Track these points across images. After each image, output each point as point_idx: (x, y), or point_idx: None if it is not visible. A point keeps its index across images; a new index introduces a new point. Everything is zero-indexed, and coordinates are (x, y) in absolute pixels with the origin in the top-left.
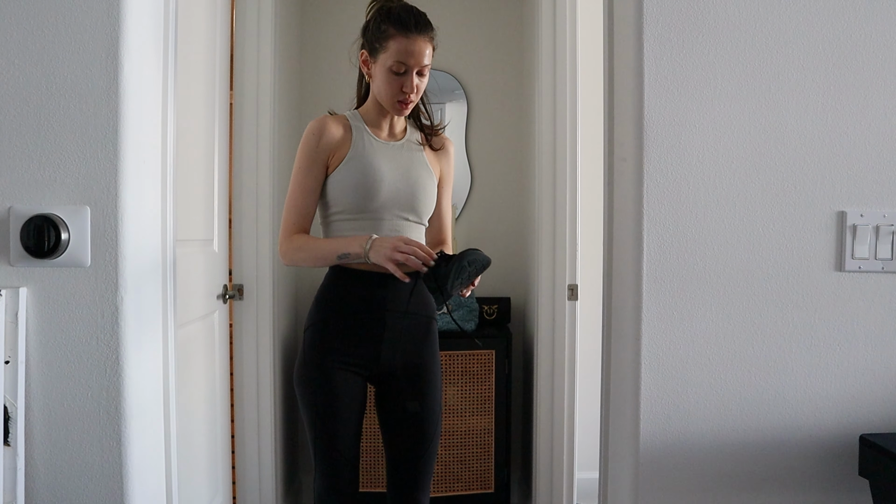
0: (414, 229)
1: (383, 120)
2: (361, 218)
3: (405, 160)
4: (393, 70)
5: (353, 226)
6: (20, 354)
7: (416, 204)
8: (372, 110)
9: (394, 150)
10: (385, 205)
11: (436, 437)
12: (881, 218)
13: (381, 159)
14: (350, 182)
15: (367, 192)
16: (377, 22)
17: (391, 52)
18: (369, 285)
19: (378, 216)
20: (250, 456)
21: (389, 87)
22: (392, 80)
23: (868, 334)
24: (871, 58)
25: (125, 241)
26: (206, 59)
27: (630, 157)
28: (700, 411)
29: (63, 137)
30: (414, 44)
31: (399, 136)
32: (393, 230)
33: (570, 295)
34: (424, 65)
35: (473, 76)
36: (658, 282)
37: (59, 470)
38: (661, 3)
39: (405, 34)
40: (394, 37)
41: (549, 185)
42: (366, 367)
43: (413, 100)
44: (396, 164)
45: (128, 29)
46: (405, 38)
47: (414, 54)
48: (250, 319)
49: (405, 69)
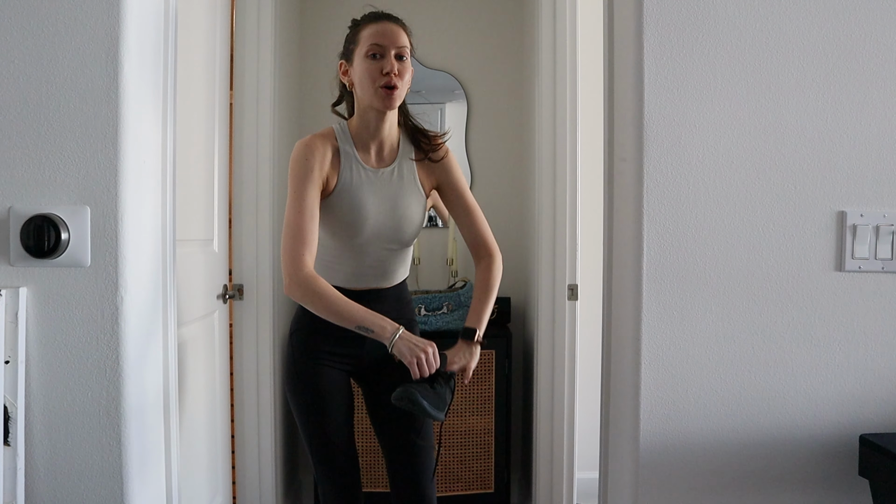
0: (398, 255)
1: (372, 137)
2: (345, 250)
3: (393, 191)
4: (369, 55)
5: (336, 254)
6: (20, 354)
7: (401, 235)
8: (360, 124)
9: (382, 179)
10: (369, 240)
11: (427, 424)
12: (881, 218)
13: (367, 194)
14: (334, 218)
15: (350, 231)
16: (349, 31)
17: (363, 41)
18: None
19: (362, 250)
20: (250, 456)
21: (368, 74)
22: (370, 66)
23: (868, 334)
24: (870, 58)
25: (125, 241)
26: (206, 59)
27: (630, 157)
28: (700, 411)
29: (63, 137)
30: (385, 26)
31: (389, 159)
32: (377, 260)
33: (570, 295)
34: (401, 46)
35: (473, 76)
36: (658, 282)
37: (59, 470)
38: (661, 3)
39: (375, 21)
40: (364, 27)
41: (549, 185)
42: (351, 364)
43: (397, 85)
44: (383, 196)
45: (128, 29)
46: (375, 24)
47: (386, 34)
48: (250, 319)
49: (381, 51)
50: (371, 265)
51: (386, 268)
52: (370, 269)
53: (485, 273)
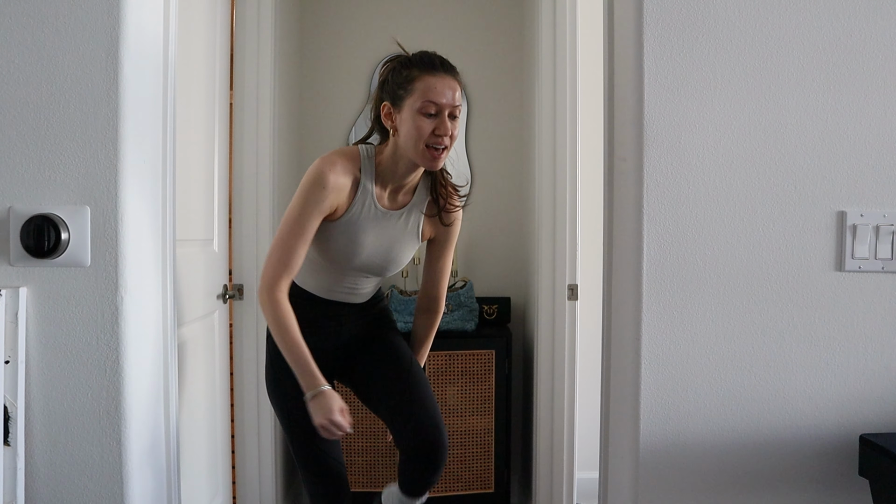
0: (372, 282)
1: (396, 179)
2: (329, 268)
3: (396, 232)
4: (423, 112)
5: (318, 268)
6: (20, 354)
7: (384, 272)
8: (389, 164)
9: (389, 220)
10: (354, 268)
11: (414, 363)
12: (881, 218)
13: (369, 232)
14: (331, 246)
15: (342, 259)
16: (398, 70)
17: (419, 94)
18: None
19: (344, 273)
20: (250, 456)
21: (419, 132)
22: (422, 123)
23: (868, 334)
24: (870, 58)
25: (125, 241)
26: (206, 59)
27: (630, 157)
28: (700, 411)
29: (63, 137)
30: (443, 81)
31: (402, 203)
32: (354, 283)
33: (570, 295)
34: (456, 105)
35: (473, 76)
36: (658, 282)
37: (59, 470)
38: (661, 4)
39: (432, 73)
40: (419, 77)
41: (549, 185)
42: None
43: (447, 145)
44: (384, 237)
45: (128, 29)
46: (432, 77)
47: (445, 93)
48: (250, 319)
49: (436, 109)
50: (347, 286)
51: (359, 290)
52: (345, 288)
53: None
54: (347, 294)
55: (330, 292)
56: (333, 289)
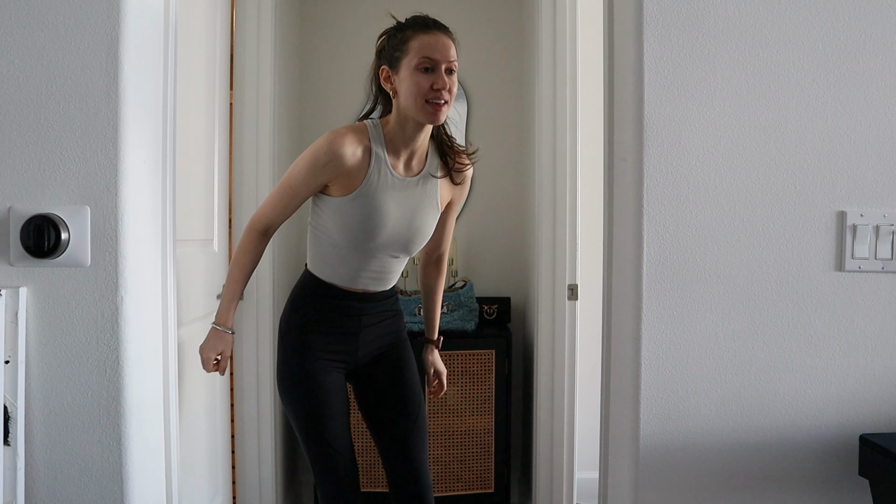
0: (400, 263)
1: (405, 144)
2: (353, 252)
3: (415, 200)
4: (419, 68)
5: (342, 255)
6: (20, 354)
7: (411, 246)
8: (396, 130)
9: (407, 187)
10: (380, 246)
11: (421, 411)
12: (881, 218)
13: (390, 201)
14: (353, 221)
15: (366, 234)
16: (393, 35)
17: (414, 52)
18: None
19: (370, 255)
20: (250, 456)
21: (418, 88)
22: (421, 79)
23: (868, 334)
24: (871, 58)
25: (125, 241)
26: (206, 59)
27: (630, 157)
28: (700, 411)
29: (63, 137)
30: (437, 38)
31: (416, 169)
32: (380, 267)
33: (570, 295)
34: (452, 60)
35: (473, 76)
36: (658, 282)
37: (59, 470)
38: (661, 3)
39: (425, 31)
40: (414, 37)
41: (549, 185)
42: (345, 363)
43: (447, 99)
44: (405, 206)
45: (128, 29)
46: (426, 35)
47: (439, 48)
48: (250, 319)
49: (432, 64)
50: (373, 269)
51: (385, 275)
52: (371, 272)
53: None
54: (373, 280)
55: (355, 280)
56: (359, 275)
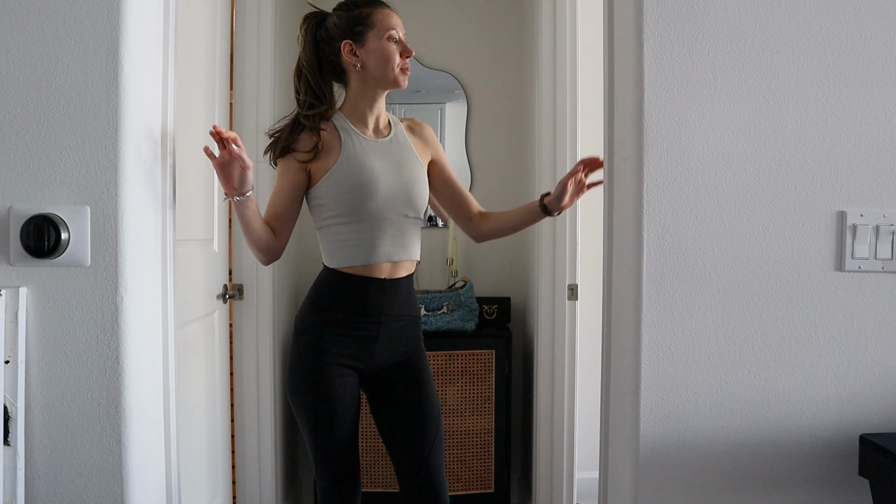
0: (414, 225)
1: (369, 115)
2: (360, 220)
3: (396, 154)
4: (391, 38)
5: (353, 228)
6: (20, 354)
7: (413, 198)
8: (357, 103)
9: (383, 146)
10: (383, 205)
11: (440, 426)
12: (881, 218)
13: (373, 158)
14: (344, 184)
15: (363, 193)
16: (346, 11)
17: (381, 26)
18: (365, 288)
19: (378, 217)
20: (250, 456)
21: (392, 57)
22: (393, 50)
23: (868, 334)
24: (870, 58)
25: (125, 241)
26: (206, 59)
27: (630, 157)
28: (700, 411)
29: (63, 137)
30: (393, 14)
31: (385, 132)
32: (397, 231)
33: (570, 295)
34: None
35: (473, 76)
36: (658, 282)
37: (59, 470)
38: (661, 3)
39: (382, 7)
40: (373, 12)
41: (549, 185)
42: (361, 369)
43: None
44: (388, 160)
45: (128, 29)
46: (384, 9)
47: (398, 22)
48: (250, 319)
49: (398, 36)
50: (392, 235)
51: (404, 238)
52: (390, 238)
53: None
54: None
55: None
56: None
